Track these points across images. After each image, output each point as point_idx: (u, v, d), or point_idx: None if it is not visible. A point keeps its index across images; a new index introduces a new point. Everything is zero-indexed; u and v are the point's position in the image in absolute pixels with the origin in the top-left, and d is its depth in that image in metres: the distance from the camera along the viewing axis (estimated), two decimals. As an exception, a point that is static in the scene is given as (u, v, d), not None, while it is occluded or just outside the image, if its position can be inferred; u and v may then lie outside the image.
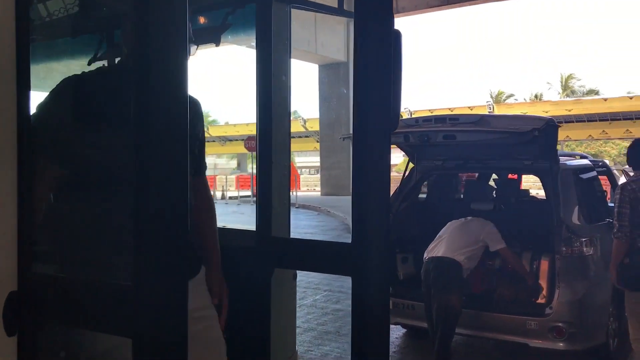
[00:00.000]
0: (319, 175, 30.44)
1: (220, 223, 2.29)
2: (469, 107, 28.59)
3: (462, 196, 6.76)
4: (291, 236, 2.48)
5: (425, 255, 5.01)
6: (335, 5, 2.54)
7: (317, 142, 27.92)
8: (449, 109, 27.34)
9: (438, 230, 5.20)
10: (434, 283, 4.73)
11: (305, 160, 52.34)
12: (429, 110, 27.83)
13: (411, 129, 4.88)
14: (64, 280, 1.54)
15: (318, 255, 2.17)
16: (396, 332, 6.35)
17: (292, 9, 2.43)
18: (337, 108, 24.82)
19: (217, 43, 2.67)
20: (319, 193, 28.02)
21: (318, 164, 29.50)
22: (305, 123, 33.83)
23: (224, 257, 2.33)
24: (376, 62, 1.89)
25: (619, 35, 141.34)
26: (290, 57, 2.43)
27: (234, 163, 52.38)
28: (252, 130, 35.44)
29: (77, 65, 2.48)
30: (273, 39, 2.31)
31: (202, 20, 2.64)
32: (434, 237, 5.17)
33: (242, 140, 25.86)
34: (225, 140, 39.83)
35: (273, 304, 2.34)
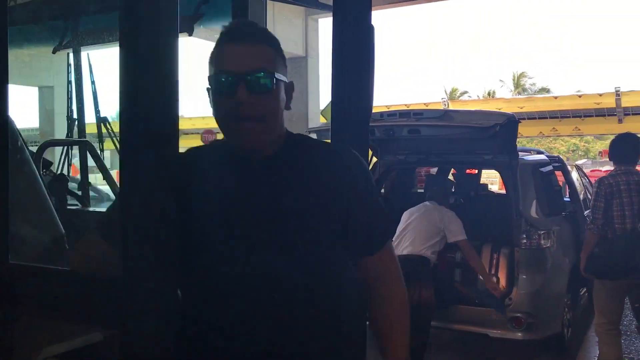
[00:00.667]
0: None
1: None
2: (424, 104, 28.96)
3: (419, 190, 6.87)
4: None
5: None
6: (310, -3, 2.53)
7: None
8: (405, 105, 27.65)
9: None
10: (405, 282, 4.76)
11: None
12: (386, 106, 28.10)
13: (376, 123, 4.92)
14: (42, 271, 1.50)
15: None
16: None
17: (267, 1, 2.41)
18: (297, 103, 24.77)
19: (190, 32, 2.63)
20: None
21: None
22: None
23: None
24: (355, 56, 1.91)
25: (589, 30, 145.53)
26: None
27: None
28: (209, 124, 35.11)
29: (41, 52, 2.39)
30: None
31: None
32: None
33: (199, 134, 25.55)
34: (181, 133, 39.18)
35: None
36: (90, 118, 7.46)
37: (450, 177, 7.19)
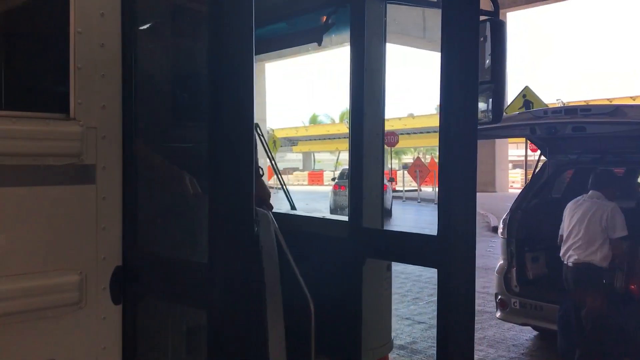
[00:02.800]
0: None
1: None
2: (631, 97, 26.19)
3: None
4: (408, 229, 2.51)
5: (562, 258, 4.72)
6: (433, -2, 2.54)
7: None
8: (608, 99, 25.28)
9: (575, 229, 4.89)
10: (574, 290, 4.50)
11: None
12: (585, 101, 25.89)
13: (538, 120, 4.66)
14: (160, 258, 1.76)
15: (405, 247, 2.21)
16: (527, 334, 6.09)
17: (387, 5, 2.48)
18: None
19: (319, 42, 2.80)
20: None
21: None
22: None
23: (317, 245, 2.45)
24: (462, 55, 1.87)
25: None
26: (385, 53, 2.49)
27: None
28: (393, 126, 35.49)
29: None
30: (366, 36, 2.38)
31: (323, 19, 2.76)
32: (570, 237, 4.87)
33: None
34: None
35: (365, 293, 2.42)
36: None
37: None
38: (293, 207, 3.18)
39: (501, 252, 5.67)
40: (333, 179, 27.61)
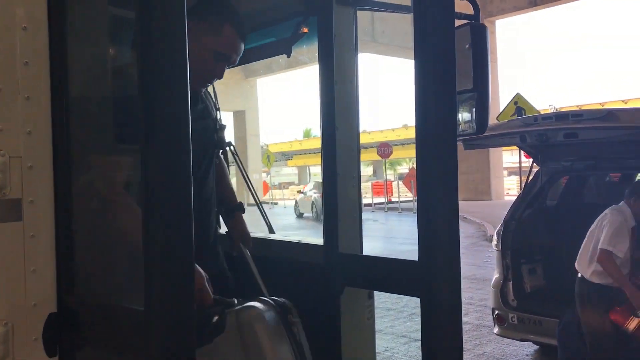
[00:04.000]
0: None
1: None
2: (622, 101, 26.22)
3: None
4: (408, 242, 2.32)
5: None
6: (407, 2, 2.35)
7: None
8: (600, 104, 25.33)
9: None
10: (579, 303, 4.27)
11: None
12: (577, 106, 25.82)
13: (528, 128, 4.49)
14: (98, 303, 1.55)
15: (384, 274, 2.01)
16: (527, 349, 5.88)
17: (357, 11, 2.30)
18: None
19: (289, 54, 2.62)
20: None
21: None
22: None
23: (291, 271, 2.26)
24: (436, 62, 1.67)
25: None
26: (356, 63, 2.30)
27: (370, 170, 52.85)
28: (387, 137, 35.48)
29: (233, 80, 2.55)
30: (335, 46, 2.20)
31: (304, 30, 2.58)
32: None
33: (377, 147, 25.89)
34: (361, 147, 40.13)
35: (344, 323, 2.22)
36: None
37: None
38: (271, 230, 2.97)
39: (496, 264, 5.48)
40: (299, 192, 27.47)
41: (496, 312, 5.30)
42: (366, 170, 52.67)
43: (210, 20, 2.08)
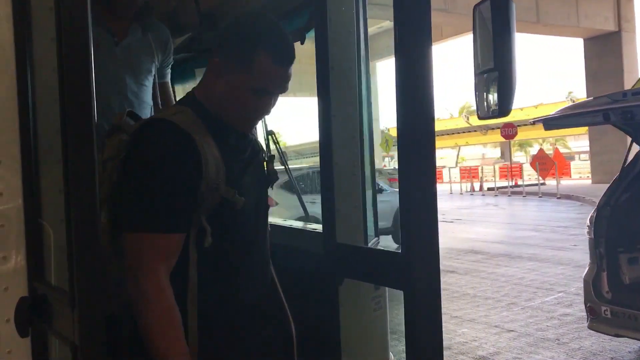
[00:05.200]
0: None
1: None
2: None
3: None
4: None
5: None
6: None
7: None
8: None
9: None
10: None
11: (584, 144, 48.00)
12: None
13: (613, 105, 4.06)
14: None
15: (372, 265, 1.94)
16: (630, 346, 5.37)
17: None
18: (607, 83, 22.23)
19: (302, 41, 2.60)
20: (590, 181, 25.35)
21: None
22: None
23: (292, 259, 2.25)
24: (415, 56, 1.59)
25: None
26: (356, 45, 2.22)
27: (498, 152, 50.76)
28: (514, 117, 33.74)
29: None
30: (330, 27, 2.13)
31: None
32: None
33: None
34: (487, 129, 38.66)
35: (343, 313, 2.17)
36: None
37: None
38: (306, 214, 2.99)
39: (589, 254, 5.04)
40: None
41: (588, 304, 4.90)
42: (494, 153, 50.60)
43: (238, 52, 1.64)
